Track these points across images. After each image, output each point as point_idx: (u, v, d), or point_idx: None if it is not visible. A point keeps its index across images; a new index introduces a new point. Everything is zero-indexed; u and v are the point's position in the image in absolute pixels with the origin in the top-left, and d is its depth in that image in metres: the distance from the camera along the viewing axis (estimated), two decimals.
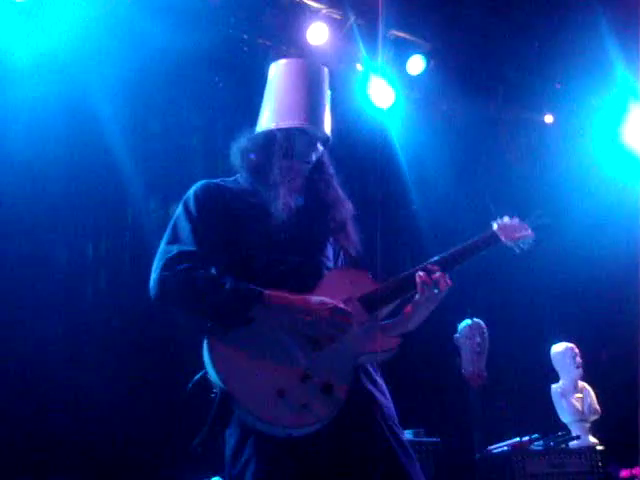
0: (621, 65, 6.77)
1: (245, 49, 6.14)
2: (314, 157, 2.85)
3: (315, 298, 2.58)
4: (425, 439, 5.16)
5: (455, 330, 5.92)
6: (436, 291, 2.71)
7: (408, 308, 2.78)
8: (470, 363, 5.77)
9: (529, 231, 3.03)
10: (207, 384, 2.46)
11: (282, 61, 2.93)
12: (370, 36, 6.45)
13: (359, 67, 6.64)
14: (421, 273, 2.72)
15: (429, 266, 2.75)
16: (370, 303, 2.69)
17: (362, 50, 6.47)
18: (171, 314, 2.81)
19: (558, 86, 7.41)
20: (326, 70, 2.92)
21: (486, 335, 5.81)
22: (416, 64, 6.77)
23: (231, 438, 2.52)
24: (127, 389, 5.28)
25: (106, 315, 5.44)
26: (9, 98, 5.19)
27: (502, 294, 7.02)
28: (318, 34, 6.20)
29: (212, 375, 2.44)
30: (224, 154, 2.94)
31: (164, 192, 5.89)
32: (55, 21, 5.37)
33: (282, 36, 6.24)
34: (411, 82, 6.97)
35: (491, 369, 5.91)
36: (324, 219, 2.85)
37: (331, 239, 2.90)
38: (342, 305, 2.58)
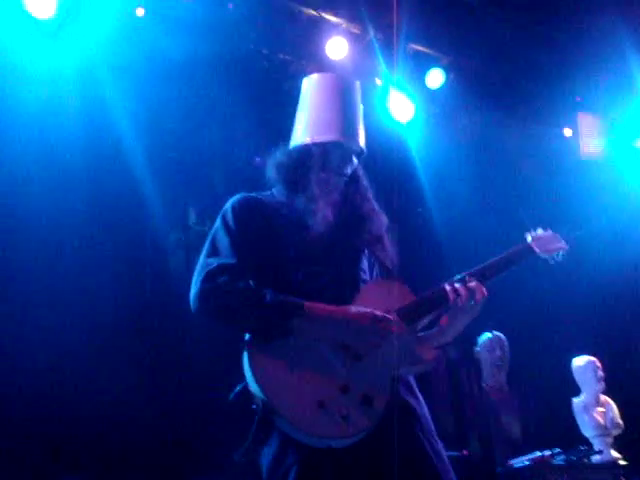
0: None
1: (265, 63, 6.17)
2: (349, 170, 2.89)
3: (354, 308, 2.60)
4: (447, 452, 5.12)
5: (475, 343, 5.91)
6: (472, 302, 2.72)
7: (444, 320, 2.79)
8: (491, 376, 5.76)
9: (563, 243, 3.04)
10: (248, 395, 2.48)
11: (315, 75, 2.99)
12: (389, 50, 6.46)
13: (378, 81, 6.65)
14: (456, 285, 2.73)
15: (465, 277, 2.76)
16: (408, 315, 2.70)
17: (381, 64, 6.48)
18: (207, 325, 2.84)
19: (578, 99, 7.38)
20: (358, 84, 2.97)
21: (507, 348, 5.81)
22: (435, 78, 6.77)
23: (270, 447, 2.53)
24: (146, 398, 5.30)
25: (123, 322, 5.47)
26: (29, 111, 5.25)
27: (523, 307, 6.98)
28: (338, 49, 6.23)
29: (252, 386, 2.47)
30: (243, 168, 2.98)
31: (182, 202, 5.94)
32: (77, 35, 5.42)
33: (302, 51, 6.27)
34: (430, 96, 6.96)
35: (512, 382, 5.89)
36: (360, 231, 2.87)
37: (366, 251, 2.92)
38: (381, 313, 2.59)
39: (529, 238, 3.02)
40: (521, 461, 5.34)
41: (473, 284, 2.72)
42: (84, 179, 5.43)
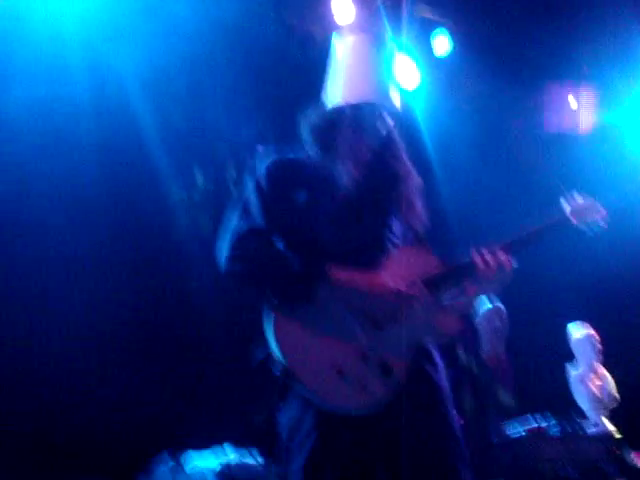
0: None
1: (271, 27, 6.10)
2: (384, 131, 2.86)
3: (380, 278, 2.60)
4: None
5: (475, 313, 5.91)
6: (501, 275, 2.72)
7: (471, 290, 2.77)
8: (489, 346, 5.78)
9: (602, 211, 2.93)
10: (272, 361, 2.52)
11: (347, 34, 2.95)
12: (396, 16, 6.39)
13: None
14: (486, 256, 2.71)
15: (495, 249, 2.75)
16: (434, 285, 2.70)
17: (388, 30, 6.41)
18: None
19: (586, 69, 7.31)
20: (389, 43, 2.97)
21: (505, 319, 5.81)
22: (442, 44, 6.71)
23: (290, 410, 2.58)
24: (153, 363, 5.34)
25: (128, 285, 5.48)
26: (32, 71, 5.21)
27: (522, 275, 6.98)
28: (345, 13, 6.15)
29: (274, 351, 2.50)
30: (249, 133, 2.97)
31: (188, 163, 5.92)
32: None
33: (309, 15, 6.20)
34: (437, 62, 6.90)
35: (509, 351, 5.91)
36: (392, 194, 2.87)
37: (398, 214, 2.90)
38: (406, 289, 2.60)
39: (566, 207, 2.89)
40: (517, 431, 5.38)
41: (503, 256, 2.71)
42: (89, 142, 5.40)
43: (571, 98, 7.61)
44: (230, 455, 4.20)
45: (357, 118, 2.80)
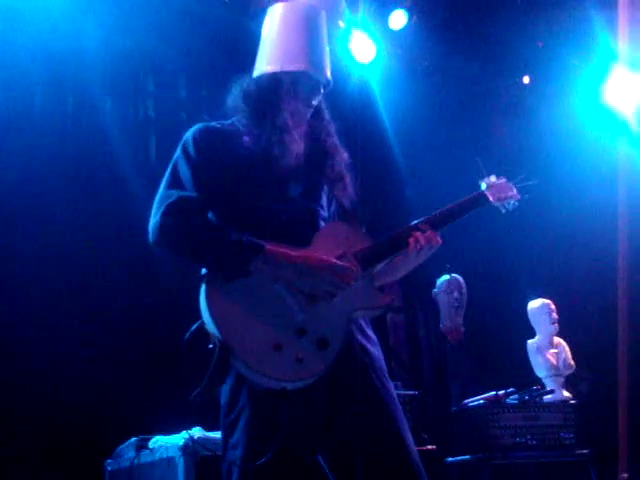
0: (602, 27, 6.72)
1: (226, 0, 6.05)
2: (316, 102, 2.83)
3: (315, 256, 2.58)
4: (402, 391, 5.21)
5: (434, 285, 5.96)
6: (428, 250, 2.77)
7: (397, 261, 2.82)
8: (448, 318, 5.83)
9: (515, 192, 3.08)
10: (204, 335, 2.46)
11: (281, 4, 2.89)
12: None
13: (341, 23, 6.55)
14: (416, 233, 2.75)
15: (421, 225, 2.79)
16: (365, 259, 2.70)
17: (344, 4, 6.39)
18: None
19: (540, 44, 7.35)
20: (323, 13, 2.90)
21: (464, 290, 5.86)
22: (398, 19, 6.71)
23: (226, 387, 2.54)
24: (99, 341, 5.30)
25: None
26: None
27: (482, 250, 7.05)
28: None
29: (209, 325, 2.44)
30: (208, 104, 2.92)
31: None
32: None
33: None
34: (393, 37, 6.90)
35: (469, 324, 5.97)
36: (323, 167, 2.84)
37: (325, 188, 2.88)
38: (342, 263, 2.59)
39: (483, 186, 3.05)
40: (475, 400, 5.45)
41: (429, 233, 2.76)
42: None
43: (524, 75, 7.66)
44: (195, 432, 4.20)
45: (294, 86, 2.75)
